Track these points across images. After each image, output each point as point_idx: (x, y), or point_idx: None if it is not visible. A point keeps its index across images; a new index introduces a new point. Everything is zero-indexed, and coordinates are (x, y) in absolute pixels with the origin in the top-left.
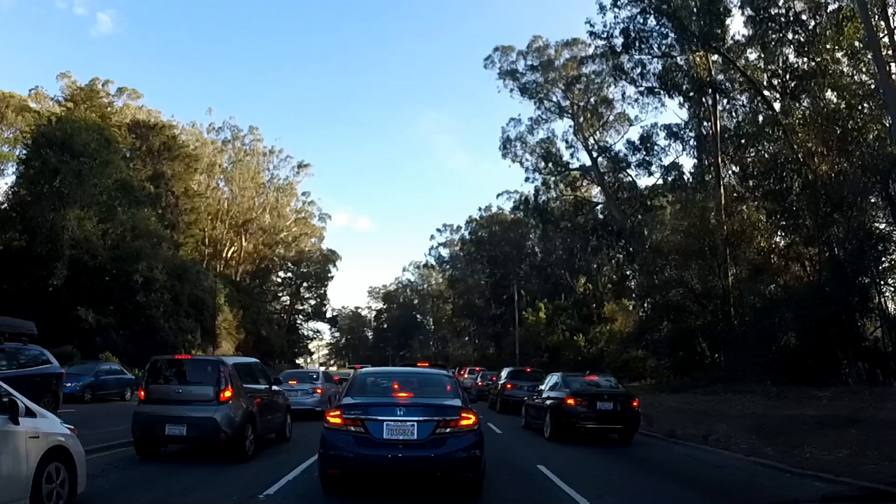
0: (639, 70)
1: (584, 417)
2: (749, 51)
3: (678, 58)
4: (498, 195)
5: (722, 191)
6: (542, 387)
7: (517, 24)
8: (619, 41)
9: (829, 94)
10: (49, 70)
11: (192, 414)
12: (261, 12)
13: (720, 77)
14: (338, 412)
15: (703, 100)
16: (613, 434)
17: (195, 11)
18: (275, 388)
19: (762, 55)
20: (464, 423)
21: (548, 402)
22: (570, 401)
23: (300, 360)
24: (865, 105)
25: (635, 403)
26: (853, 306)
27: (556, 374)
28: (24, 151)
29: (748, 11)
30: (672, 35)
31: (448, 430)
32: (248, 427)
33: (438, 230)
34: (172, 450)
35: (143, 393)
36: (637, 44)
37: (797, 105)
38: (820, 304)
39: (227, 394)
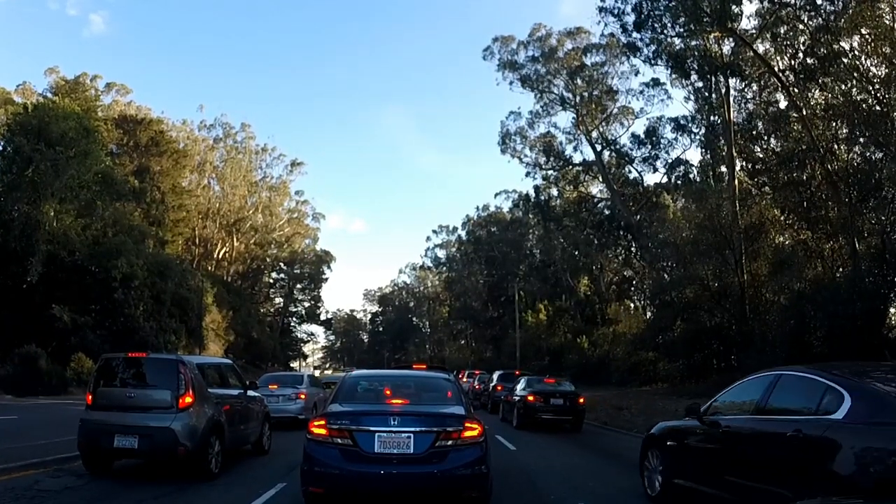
0: (653, 48)
1: (542, 410)
2: (760, 41)
3: (690, 39)
4: (496, 194)
5: (736, 183)
6: (516, 387)
7: (518, 22)
8: (630, 18)
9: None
10: (42, 70)
11: (145, 423)
12: (254, 11)
13: (734, 60)
14: (322, 421)
15: (712, 93)
16: (566, 424)
17: (187, 12)
18: (250, 392)
19: (778, 36)
20: (468, 434)
21: (515, 398)
22: (531, 397)
23: (294, 364)
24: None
25: (581, 400)
26: (890, 299)
27: (525, 378)
28: (1, 143)
29: None
30: (684, 17)
31: (449, 442)
32: (214, 439)
33: (434, 231)
34: (128, 464)
35: (90, 397)
36: (650, 22)
37: (819, 91)
38: (855, 298)
39: (188, 399)
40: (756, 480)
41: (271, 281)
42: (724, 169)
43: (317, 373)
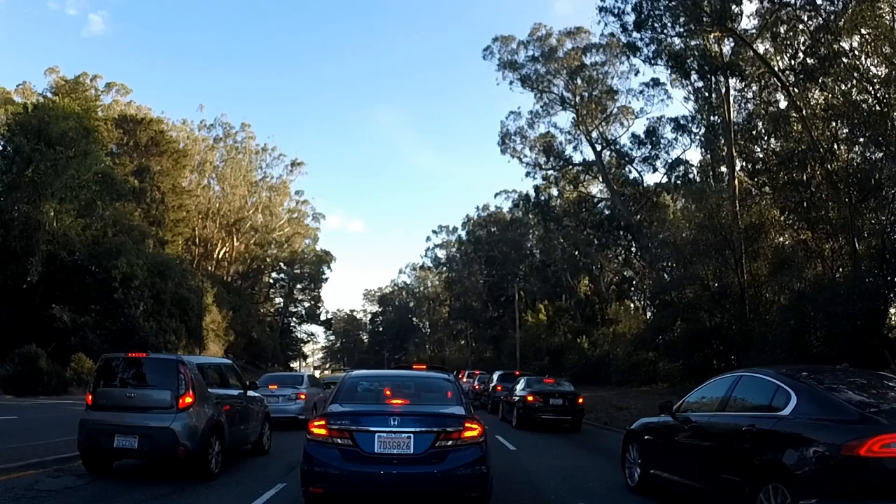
0: (653, 48)
1: (541, 410)
2: (760, 41)
3: (690, 39)
4: (496, 194)
5: (736, 183)
6: (516, 387)
7: (514, 21)
8: (630, 18)
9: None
10: (41, 70)
11: (145, 423)
12: (255, 10)
13: (734, 60)
14: (322, 422)
15: (711, 93)
16: (566, 424)
17: (187, 11)
18: (250, 393)
19: (778, 36)
20: (468, 434)
21: (515, 398)
22: (530, 398)
23: (294, 364)
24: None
25: (580, 400)
26: (890, 299)
27: (524, 378)
28: (1, 143)
29: None
30: (683, 17)
31: (449, 442)
32: (214, 439)
33: (434, 231)
34: (128, 464)
35: (90, 397)
36: (650, 21)
37: (819, 91)
38: (855, 298)
39: (188, 399)
40: (718, 469)
41: (271, 281)
42: (724, 169)
43: (317, 373)
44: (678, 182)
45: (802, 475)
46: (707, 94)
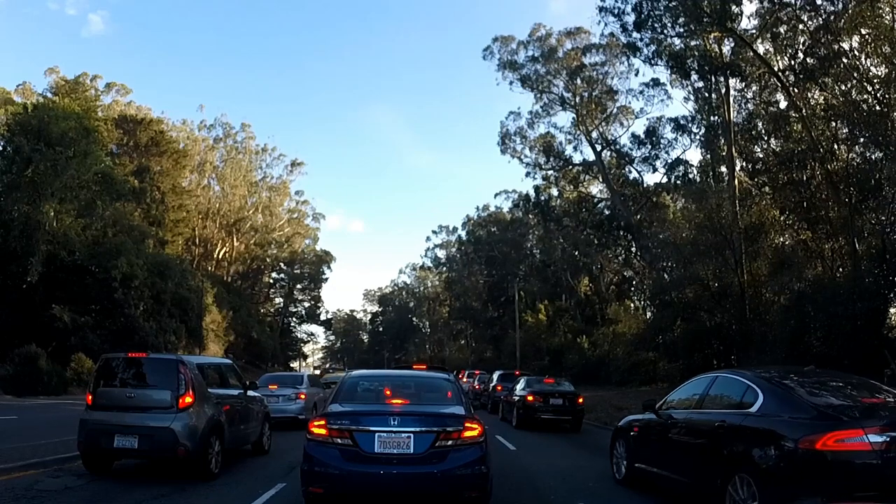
0: (653, 48)
1: (541, 410)
2: (760, 41)
3: (690, 39)
4: (496, 194)
5: (736, 183)
6: (516, 387)
7: (511, 20)
8: (630, 18)
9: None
10: (41, 70)
11: (145, 423)
12: (255, 10)
13: (734, 60)
14: (322, 422)
15: (711, 93)
16: (566, 424)
17: (187, 11)
18: (250, 393)
19: (778, 36)
20: (468, 434)
21: (515, 398)
22: (530, 398)
23: (294, 364)
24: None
25: (580, 400)
26: (890, 299)
27: (524, 378)
28: (1, 143)
29: None
30: (683, 17)
31: (449, 442)
32: (214, 439)
33: (434, 231)
34: (128, 464)
35: (90, 397)
36: (650, 21)
37: (819, 91)
38: (855, 298)
39: (188, 399)
40: (695, 462)
41: (271, 281)
42: (724, 169)
43: (317, 373)
44: (678, 182)
45: (766, 467)
46: (707, 95)
